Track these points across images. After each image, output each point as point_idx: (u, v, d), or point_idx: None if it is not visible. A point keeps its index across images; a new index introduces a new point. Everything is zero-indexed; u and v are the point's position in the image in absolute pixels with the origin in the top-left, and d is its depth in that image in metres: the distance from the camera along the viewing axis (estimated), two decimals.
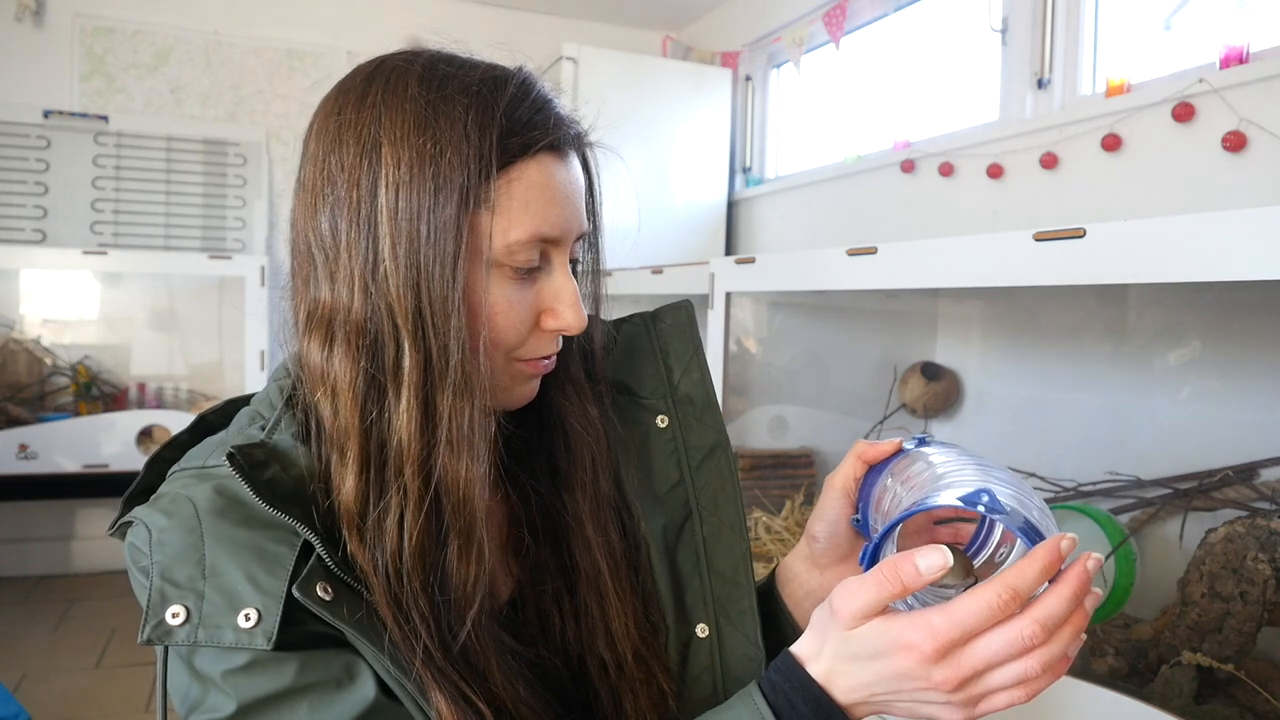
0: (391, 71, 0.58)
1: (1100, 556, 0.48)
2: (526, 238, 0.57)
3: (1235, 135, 1.53)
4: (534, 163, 0.58)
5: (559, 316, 0.61)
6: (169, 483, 0.59)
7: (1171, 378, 1.51)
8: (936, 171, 2.25)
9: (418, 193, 0.55)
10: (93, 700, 2.22)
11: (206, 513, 0.54)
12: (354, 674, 0.54)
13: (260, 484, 0.55)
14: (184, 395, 3.23)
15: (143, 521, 0.55)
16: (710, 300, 1.81)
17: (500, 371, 0.61)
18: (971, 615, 0.46)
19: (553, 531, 0.68)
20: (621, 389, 0.73)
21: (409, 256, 0.55)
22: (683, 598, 0.68)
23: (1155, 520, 1.37)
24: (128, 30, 3.21)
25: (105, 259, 2.98)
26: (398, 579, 0.55)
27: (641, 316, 0.75)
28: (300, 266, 0.60)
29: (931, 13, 2.46)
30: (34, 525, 3.12)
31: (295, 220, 0.60)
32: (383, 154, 0.55)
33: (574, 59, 2.94)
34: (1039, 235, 1.06)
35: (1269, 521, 1.08)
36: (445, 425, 0.56)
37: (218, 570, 0.53)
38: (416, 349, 0.55)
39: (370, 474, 0.56)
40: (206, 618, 0.52)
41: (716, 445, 0.72)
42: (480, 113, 0.56)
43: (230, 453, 0.55)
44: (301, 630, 0.53)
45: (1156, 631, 1.18)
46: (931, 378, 1.93)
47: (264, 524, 0.55)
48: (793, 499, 1.92)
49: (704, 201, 3.19)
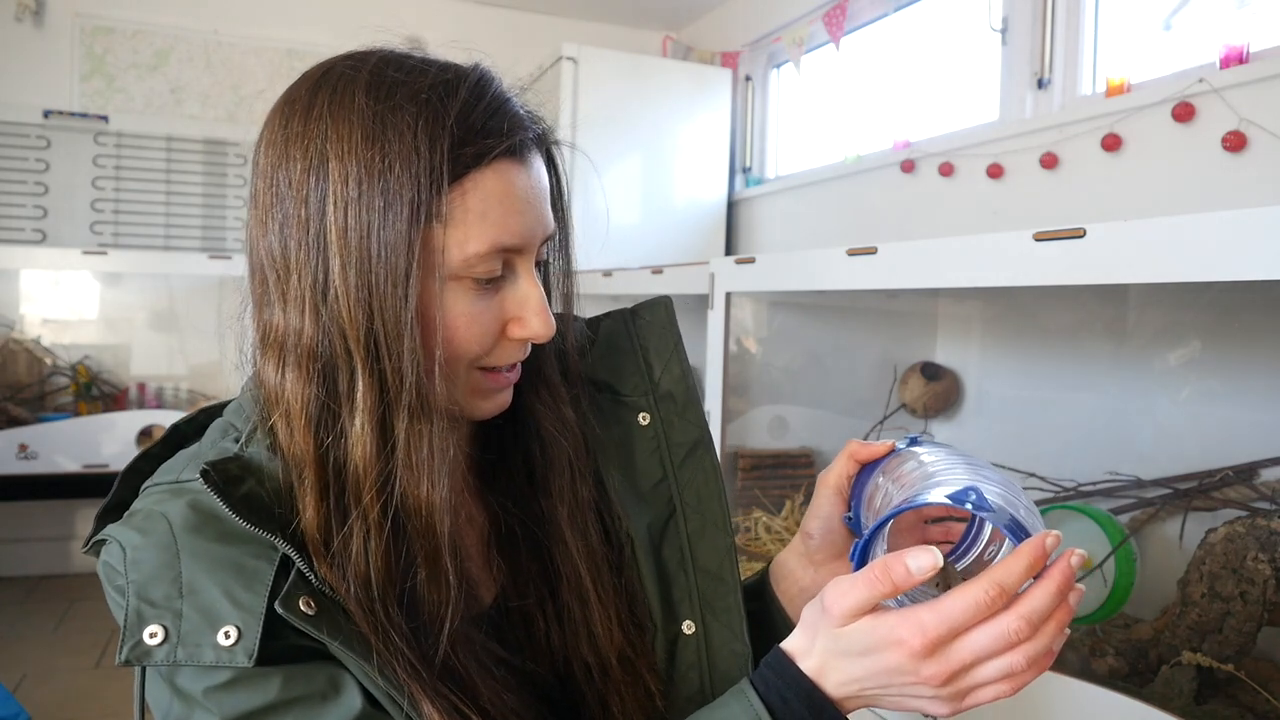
0: (339, 80, 0.56)
1: (1083, 552, 0.49)
2: (485, 249, 0.55)
3: (1235, 135, 1.53)
4: (490, 171, 0.56)
5: (525, 325, 0.59)
6: (143, 498, 0.58)
7: (1171, 378, 1.51)
8: (936, 171, 2.25)
9: (366, 209, 0.53)
10: (93, 700, 2.21)
11: (182, 529, 0.53)
12: (339, 687, 0.53)
13: (236, 500, 0.53)
14: (184, 395, 3.24)
15: (116, 539, 0.54)
16: (710, 300, 1.81)
17: (462, 384, 0.59)
18: (959, 611, 0.47)
19: (533, 536, 0.67)
20: (602, 387, 0.72)
21: (360, 277, 0.53)
22: (669, 595, 0.68)
23: (1155, 520, 1.37)
24: (128, 30, 3.21)
25: (105, 259, 2.98)
26: (369, 602, 0.54)
27: (620, 313, 0.74)
28: (255, 286, 0.58)
29: (931, 13, 2.46)
30: (34, 525, 3.12)
31: (250, 236, 0.58)
32: (330, 169, 0.53)
33: (574, 59, 2.94)
34: (1039, 235, 1.06)
35: (1269, 521, 1.08)
36: (403, 449, 0.54)
37: (195, 588, 0.52)
38: (370, 373, 0.54)
39: (330, 500, 0.55)
40: (185, 636, 0.51)
41: (699, 441, 0.71)
42: (430, 123, 0.54)
43: (204, 469, 0.54)
44: (284, 644, 0.52)
45: (1156, 631, 1.18)
46: (931, 378, 1.93)
47: (241, 539, 0.53)
48: (793, 499, 1.92)
49: (704, 201, 3.19)
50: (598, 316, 0.75)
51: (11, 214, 3.08)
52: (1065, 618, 0.48)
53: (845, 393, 2.16)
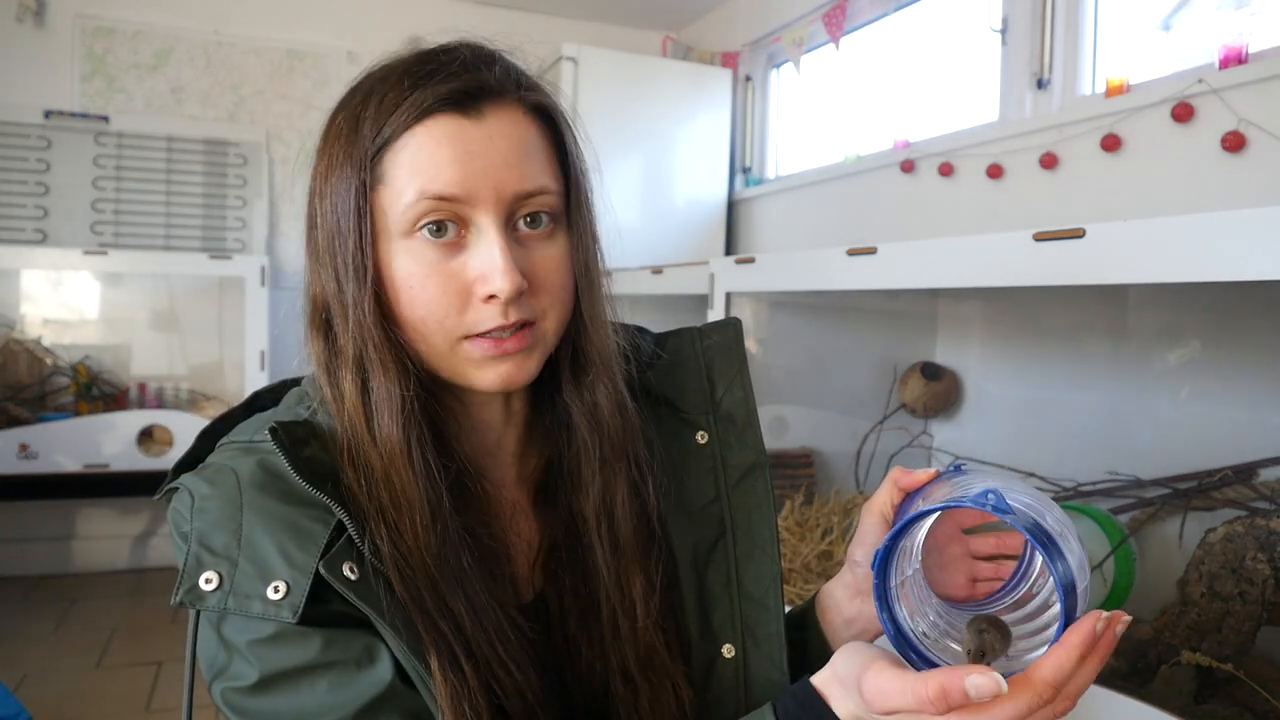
0: (352, 83, 0.63)
1: (1128, 618, 0.48)
2: (414, 197, 0.57)
3: (1234, 135, 1.53)
4: (423, 127, 0.58)
5: (487, 281, 0.58)
6: (217, 454, 0.61)
7: (1171, 378, 1.52)
8: (936, 171, 2.25)
9: (330, 193, 0.60)
10: (93, 700, 2.22)
11: (248, 485, 0.56)
12: (374, 656, 0.55)
13: (299, 460, 0.56)
14: (184, 395, 3.24)
15: (187, 488, 0.57)
16: (710, 300, 1.81)
17: (449, 353, 0.60)
18: (1012, 715, 0.45)
19: (573, 533, 0.67)
20: (663, 401, 0.72)
21: (327, 245, 0.60)
22: (709, 617, 0.67)
23: (1155, 520, 1.37)
24: (128, 30, 3.21)
25: (105, 259, 2.98)
26: (405, 563, 0.57)
27: (689, 331, 0.74)
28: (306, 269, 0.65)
29: (931, 13, 2.46)
30: (34, 525, 3.12)
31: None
32: (315, 166, 0.62)
33: (574, 59, 2.94)
34: (1039, 235, 1.06)
35: (1268, 521, 1.09)
36: (375, 397, 0.59)
37: (253, 541, 0.54)
38: (345, 331, 0.59)
39: (350, 453, 0.59)
40: (237, 586, 0.53)
41: (755, 465, 0.71)
42: (370, 98, 0.59)
43: (272, 428, 0.57)
44: (326, 609, 0.54)
45: (1156, 631, 1.18)
46: (931, 378, 1.93)
47: (301, 501, 0.56)
48: (793, 499, 1.92)
49: (704, 201, 3.19)
50: (666, 333, 0.75)
51: (12, 214, 3.08)
52: (1097, 670, 0.48)
53: (845, 393, 2.16)
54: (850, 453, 2.02)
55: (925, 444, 1.99)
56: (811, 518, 1.87)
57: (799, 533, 1.82)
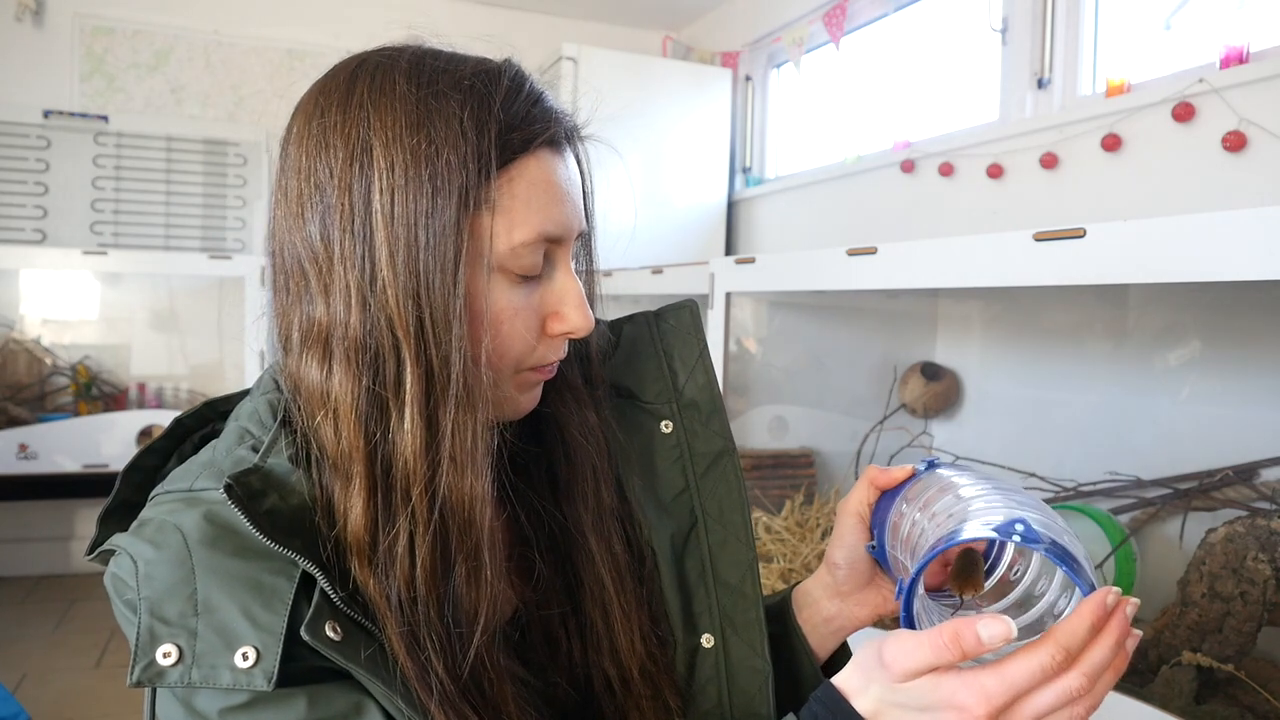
0: (376, 69, 0.55)
1: (1137, 601, 0.48)
2: (532, 238, 0.55)
3: (1235, 135, 1.53)
4: (534, 159, 0.55)
5: (565, 319, 0.58)
6: (153, 506, 0.55)
7: (1171, 378, 1.52)
8: (936, 171, 2.25)
9: (414, 196, 0.52)
10: (93, 700, 2.21)
11: (197, 543, 0.50)
12: (362, 711, 0.51)
13: (259, 516, 0.51)
14: (184, 395, 3.23)
15: (127, 552, 0.52)
16: (710, 300, 1.81)
17: (506, 382, 0.58)
18: (1024, 676, 0.45)
19: (555, 546, 0.66)
20: (623, 393, 0.70)
21: (408, 265, 0.52)
22: (689, 607, 0.67)
23: (1155, 520, 1.37)
24: (128, 30, 3.21)
25: (105, 259, 2.98)
26: (411, 607, 0.53)
27: (644, 316, 0.72)
28: (288, 282, 0.56)
29: (931, 13, 2.46)
30: (34, 525, 3.12)
31: (276, 233, 0.56)
32: (374, 157, 0.52)
33: (574, 59, 2.94)
34: (1039, 235, 1.06)
35: (1269, 521, 1.08)
36: (449, 442, 0.53)
37: (211, 606, 0.49)
38: (418, 363, 0.52)
39: (378, 499, 0.53)
40: (201, 657, 0.48)
41: (723, 452, 0.69)
42: (477, 108, 0.53)
43: (228, 483, 0.51)
44: (303, 666, 0.50)
45: (1156, 631, 1.18)
46: (931, 378, 1.93)
47: (259, 554, 0.51)
48: (793, 499, 1.92)
49: (704, 201, 3.19)
50: (620, 319, 0.73)
51: (11, 214, 3.08)
52: (1122, 665, 0.47)
53: (845, 393, 2.16)
54: (850, 453, 2.02)
55: (925, 444, 1.99)
56: (811, 518, 1.87)
57: (799, 533, 1.82)
